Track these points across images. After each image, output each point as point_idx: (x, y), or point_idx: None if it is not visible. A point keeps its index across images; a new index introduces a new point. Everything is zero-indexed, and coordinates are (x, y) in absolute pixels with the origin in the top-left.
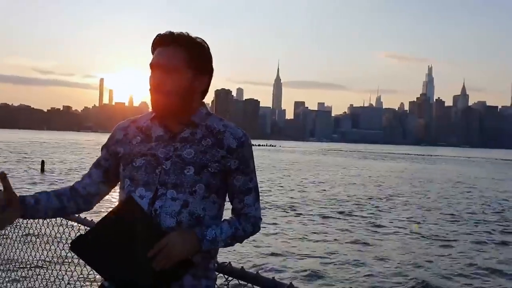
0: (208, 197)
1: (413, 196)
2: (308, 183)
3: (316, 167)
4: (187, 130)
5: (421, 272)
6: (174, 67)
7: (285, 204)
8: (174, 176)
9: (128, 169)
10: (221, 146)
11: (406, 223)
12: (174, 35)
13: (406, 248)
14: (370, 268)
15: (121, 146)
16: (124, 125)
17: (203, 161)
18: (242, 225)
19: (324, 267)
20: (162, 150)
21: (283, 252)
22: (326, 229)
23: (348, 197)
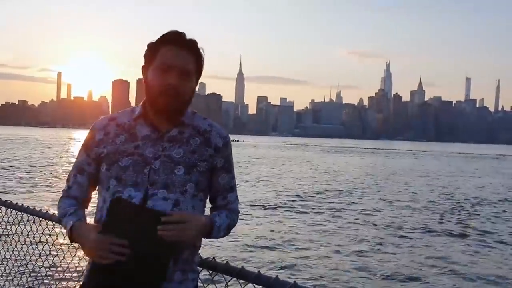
0: (196, 196)
1: (374, 188)
2: (272, 177)
3: (281, 161)
4: (175, 129)
5: (380, 261)
6: (190, 72)
7: (255, 199)
8: (164, 175)
9: (113, 169)
10: (209, 145)
11: (366, 214)
12: (187, 39)
13: (363, 237)
14: (332, 257)
15: (103, 146)
16: (102, 124)
17: (192, 161)
18: (232, 217)
19: (294, 259)
20: (150, 149)
21: (258, 246)
22: (294, 222)
23: (312, 190)
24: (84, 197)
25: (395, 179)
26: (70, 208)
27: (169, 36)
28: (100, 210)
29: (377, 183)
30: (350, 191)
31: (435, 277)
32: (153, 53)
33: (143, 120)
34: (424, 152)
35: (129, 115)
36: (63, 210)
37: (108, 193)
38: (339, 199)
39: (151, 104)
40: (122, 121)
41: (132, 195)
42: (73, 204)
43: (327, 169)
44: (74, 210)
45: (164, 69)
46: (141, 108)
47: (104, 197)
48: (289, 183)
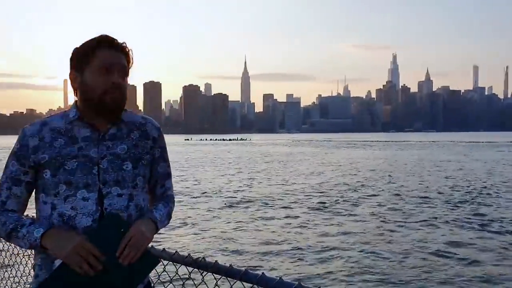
0: (144, 188)
1: (386, 181)
2: (280, 174)
3: (290, 158)
4: (113, 127)
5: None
6: (127, 71)
7: (264, 196)
8: (113, 173)
9: (61, 174)
10: (147, 137)
11: (380, 207)
12: (121, 42)
13: (382, 232)
14: (343, 251)
15: (42, 153)
16: (34, 130)
17: (137, 155)
18: (169, 204)
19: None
20: (94, 149)
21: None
22: (310, 218)
23: (326, 186)
24: (22, 209)
25: (407, 171)
26: (23, 219)
27: (104, 38)
28: (48, 218)
29: (389, 176)
30: (362, 186)
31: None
32: (88, 55)
33: (80, 122)
34: (433, 143)
35: (62, 119)
36: (13, 222)
37: (59, 199)
38: (351, 194)
39: (94, 105)
40: (56, 125)
41: (86, 196)
42: (20, 217)
43: (337, 164)
44: (33, 220)
45: (106, 69)
46: (76, 110)
47: (53, 203)
48: (297, 179)
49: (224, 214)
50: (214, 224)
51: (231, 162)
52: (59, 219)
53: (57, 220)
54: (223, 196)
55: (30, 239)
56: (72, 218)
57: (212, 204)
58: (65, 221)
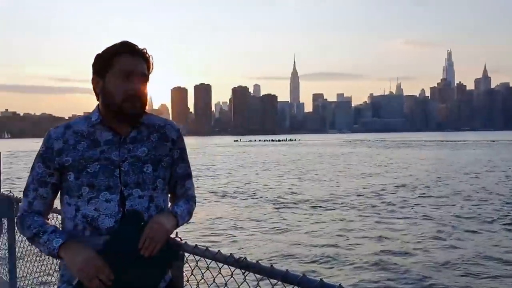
0: (164, 189)
1: (441, 182)
2: (332, 175)
3: (341, 159)
4: (134, 130)
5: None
6: (147, 77)
7: (319, 198)
8: (134, 175)
9: (83, 177)
10: (166, 139)
11: (434, 209)
12: (139, 48)
13: (439, 234)
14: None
15: (66, 155)
16: (58, 133)
17: (157, 157)
18: (189, 203)
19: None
20: (115, 153)
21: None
22: (357, 219)
23: (377, 187)
24: (47, 210)
25: (464, 172)
26: (46, 226)
27: (124, 45)
28: (72, 219)
29: (444, 177)
30: (416, 187)
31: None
32: (109, 63)
33: (102, 126)
34: (492, 142)
35: (85, 122)
36: (38, 227)
37: (82, 200)
38: (404, 195)
39: (114, 111)
40: (79, 128)
41: (109, 198)
42: (45, 222)
43: (389, 165)
44: (55, 228)
45: (125, 76)
46: (98, 114)
47: (77, 205)
48: (347, 181)
49: (271, 215)
50: (261, 225)
51: (280, 163)
52: (83, 220)
53: (81, 221)
54: (269, 197)
55: (49, 247)
56: (95, 219)
57: (260, 204)
58: (88, 222)
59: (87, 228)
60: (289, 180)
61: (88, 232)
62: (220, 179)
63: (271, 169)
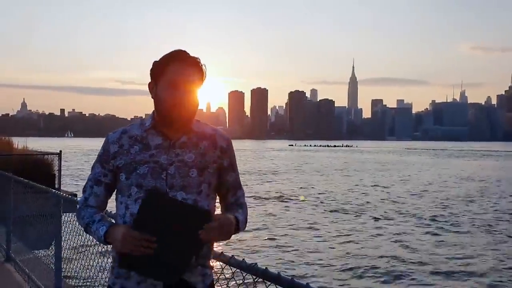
0: (209, 195)
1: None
2: (393, 184)
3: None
4: (184, 136)
5: None
6: (197, 85)
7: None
8: (180, 179)
9: (133, 177)
10: (215, 147)
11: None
12: (194, 57)
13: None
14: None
15: (120, 158)
16: (115, 137)
17: (203, 163)
18: (245, 211)
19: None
20: (164, 156)
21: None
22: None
23: (438, 200)
24: (101, 207)
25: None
26: (96, 215)
27: (176, 54)
28: (123, 216)
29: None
30: (474, 200)
31: None
32: (161, 70)
33: (154, 131)
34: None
35: (139, 127)
36: (89, 218)
37: (131, 200)
38: (462, 209)
39: (163, 117)
40: (133, 133)
41: None
42: (95, 212)
43: (453, 176)
44: (101, 217)
45: (173, 85)
46: (151, 120)
47: (126, 204)
48: (405, 191)
49: (320, 220)
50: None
51: (336, 168)
52: (131, 219)
53: (129, 219)
54: (321, 203)
55: (97, 235)
56: None
57: (313, 209)
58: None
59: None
60: (343, 187)
61: None
62: (274, 182)
63: (325, 174)
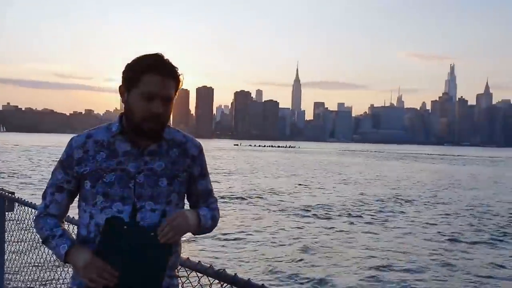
0: (178, 204)
1: (434, 197)
2: (329, 184)
3: (338, 168)
4: (154, 144)
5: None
6: (172, 98)
7: (307, 206)
8: (149, 188)
9: (99, 186)
10: (186, 155)
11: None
12: (170, 67)
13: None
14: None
15: (85, 165)
16: (79, 142)
17: (173, 172)
18: (214, 211)
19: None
20: (132, 164)
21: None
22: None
23: (368, 199)
24: (62, 215)
25: (457, 188)
26: (56, 229)
27: (153, 62)
28: (86, 226)
29: (439, 191)
30: (406, 200)
31: None
32: (136, 78)
33: (122, 137)
34: (491, 158)
35: (106, 132)
36: (49, 230)
37: (96, 209)
38: (393, 207)
39: (133, 127)
40: (99, 138)
41: (121, 209)
42: (56, 224)
43: (385, 177)
44: (63, 232)
45: (148, 97)
46: (118, 125)
47: (91, 212)
48: (341, 190)
49: (259, 220)
50: (246, 230)
51: (278, 169)
52: (95, 229)
53: (93, 229)
54: (261, 202)
55: (57, 253)
56: None
57: (254, 209)
58: (100, 231)
59: (98, 236)
60: (284, 186)
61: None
62: (221, 182)
63: (268, 174)
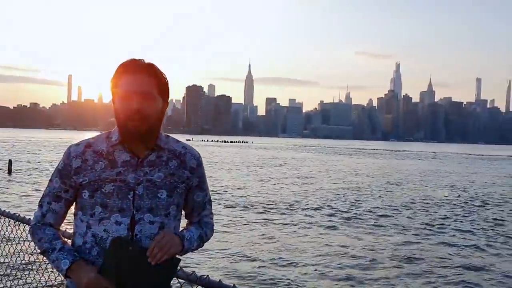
0: (177, 216)
1: (381, 190)
2: (278, 179)
3: (290, 163)
4: (153, 154)
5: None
6: (152, 94)
7: (250, 201)
8: (148, 200)
9: (97, 196)
10: (185, 167)
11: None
12: (144, 64)
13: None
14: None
15: (84, 175)
16: (78, 151)
17: (173, 184)
18: (204, 229)
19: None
20: (131, 175)
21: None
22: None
23: (318, 192)
24: (58, 224)
25: (399, 180)
26: (56, 242)
27: (126, 65)
28: (83, 236)
29: (386, 185)
30: (354, 193)
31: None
32: (115, 83)
33: (121, 146)
34: (433, 154)
35: (105, 141)
36: (48, 242)
37: (94, 219)
38: (343, 201)
39: (122, 130)
40: (99, 147)
41: (120, 221)
42: (55, 235)
43: (335, 171)
44: (62, 245)
45: (126, 96)
46: (118, 134)
47: (88, 223)
48: (295, 184)
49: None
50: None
51: (233, 164)
52: (92, 239)
53: (90, 240)
54: (217, 199)
55: (58, 267)
56: (104, 240)
57: (222, 207)
58: (97, 242)
59: (95, 248)
60: (237, 181)
61: (95, 252)
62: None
63: (221, 170)
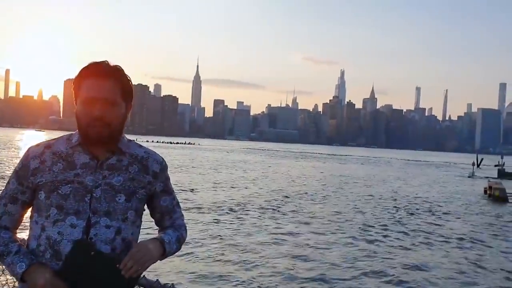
0: (135, 222)
1: (329, 192)
2: (228, 182)
3: (239, 166)
4: (114, 157)
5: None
6: (115, 101)
7: (206, 204)
8: (105, 204)
9: (53, 198)
10: (147, 172)
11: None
12: (108, 68)
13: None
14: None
15: (41, 176)
16: (37, 152)
17: (132, 188)
18: (179, 231)
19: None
20: (90, 177)
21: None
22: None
23: (263, 195)
24: (14, 226)
25: (344, 184)
26: (12, 245)
27: (89, 69)
28: (37, 238)
29: (332, 188)
30: (303, 196)
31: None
32: (76, 86)
33: (81, 148)
34: (375, 158)
35: (65, 142)
36: (3, 246)
37: (48, 221)
38: (292, 203)
39: (83, 135)
40: (58, 149)
41: (75, 223)
42: (11, 238)
43: (283, 175)
44: (18, 248)
45: (87, 102)
46: (79, 136)
47: (43, 225)
48: (246, 187)
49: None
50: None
51: (181, 166)
52: (46, 242)
53: (44, 242)
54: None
55: (13, 271)
56: (58, 243)
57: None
58: (50, 245)
59: (48, 250)
60: (187, 184)
61: (48, 255)
62: None
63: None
